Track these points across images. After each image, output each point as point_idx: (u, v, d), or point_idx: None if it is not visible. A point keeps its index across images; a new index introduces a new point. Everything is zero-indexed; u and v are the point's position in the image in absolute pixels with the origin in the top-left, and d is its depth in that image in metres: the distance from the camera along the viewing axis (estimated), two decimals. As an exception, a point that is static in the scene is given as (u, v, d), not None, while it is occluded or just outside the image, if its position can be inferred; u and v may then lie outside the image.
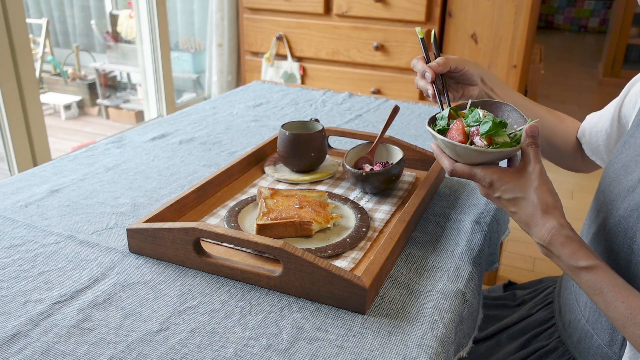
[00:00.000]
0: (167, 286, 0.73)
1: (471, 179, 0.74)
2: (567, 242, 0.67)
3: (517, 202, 0.71)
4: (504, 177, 0.71)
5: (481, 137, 0.72)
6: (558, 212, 0.69)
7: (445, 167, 0.76)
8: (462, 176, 0.75)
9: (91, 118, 3.94)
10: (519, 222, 0.72)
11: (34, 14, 4.35)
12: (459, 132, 0.74)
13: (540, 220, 0.69)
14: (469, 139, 0.73)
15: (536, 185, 0.69)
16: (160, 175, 1.07)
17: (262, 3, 2.70)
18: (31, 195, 0.96)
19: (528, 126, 0.71)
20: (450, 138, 0.74)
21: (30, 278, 0.74)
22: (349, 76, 2.67)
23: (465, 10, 2.39)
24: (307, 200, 0.88)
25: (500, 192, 0.72)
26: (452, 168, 0.75)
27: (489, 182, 0.72)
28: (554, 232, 0.68)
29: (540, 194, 0.69)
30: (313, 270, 0.69)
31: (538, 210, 0.69)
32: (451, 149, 0.74)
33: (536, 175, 0.70)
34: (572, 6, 7.17)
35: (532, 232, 0.70)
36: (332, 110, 1.51)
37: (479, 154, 0.71)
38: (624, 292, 0.64)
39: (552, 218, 0.68)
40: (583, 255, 0.66)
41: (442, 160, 0.77)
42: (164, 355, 0.61)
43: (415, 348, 0.63)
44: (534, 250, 2.27)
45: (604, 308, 0.66)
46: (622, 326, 0.64)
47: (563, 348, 0.85)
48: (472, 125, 0.74)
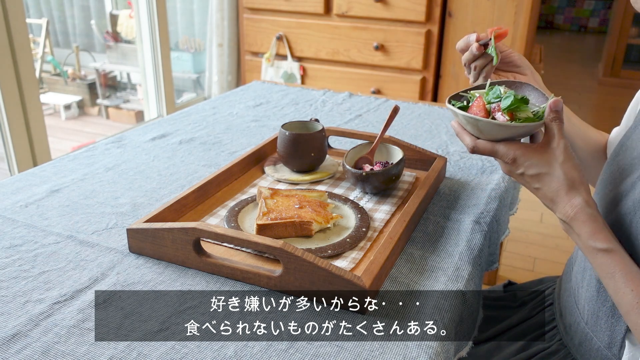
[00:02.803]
0: (167, 286, 0.73)
1: (493, 155, 0.73)
2: (589, 221, 0.66)
3: (542, 177, 0.69)
4: (528, 153, 0.70)
5: (503, 113, 0.71)
6: (584, 188, 0.68)
7: (466, 144, 0.75)
8: (484, 153, 0.73)
9: (91, 118, 3.94)
10: (543, 198, 0.71)
11: (34, 14, 4.35)
12: (480, 108, 0.73)
13: (566, 196, 0.68)
14: (490, 115, 0.72)
15: (562, 160, 0.68)
16: (160, 175, 1.07)
17: (262, 3, 2.70)
18: (31, 195, 0.96)
19: (552, 101, 0.70)
20: (472, 114, 0.72)
21: (30, 278, 0.74)
22: (349, 76, 2.67)
23: (465, 10, 2.39)
24: (307, 200, 0.88)
25: (524, 168, 0.70)
26: (474, 145, 0.73)
27: (512, 158, 0.71)
28: (578, 209, 0.67)
29: (566, 169, 0.68)
30: (313, 270, 0.69)
31: (564, 185, 0.68)
32: (473, 125, 0.72)
33: (561, 151, 0.68)
34: (572, 6, 7.17)
35: (555, 208, 0.69)
36: (332, 110, 1.51)
37: (501, 129, 0.70)
38: (636, 280, 0.64)
39: (578, 194, 0.67)
40: (603, 237, 0.66)
41: (463, 138, 0.75)
42: (164, 355, 0.61)
43: (415, 348, 0.63)
44: (534, 250, 2.27)
45: (613, 293, 0.65)
46: (627, 313, 0.64)
47: (565, 351, 0.85)
48: (493, 102, 0.73)
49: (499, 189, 1.03)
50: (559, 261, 2.19)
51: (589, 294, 0.78)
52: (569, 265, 0.92)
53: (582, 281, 0.81)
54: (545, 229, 2.43)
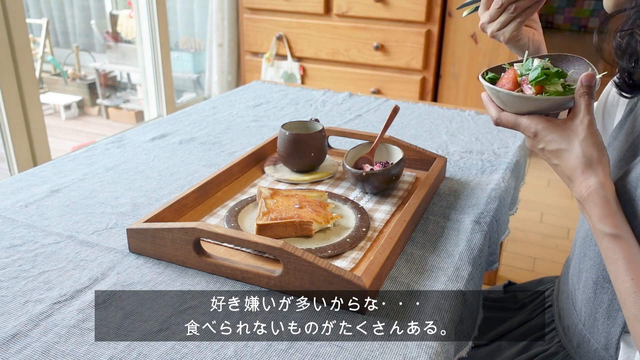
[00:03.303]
0: (167, 286, 0.73)
1: (516, 128, 0.71)
2: (600, 204, 0.65)
3: (560, 154, 0.67)
4: (549, 127, 0.68)
5: (530, 85, 0.69)
6: (602, 168, 0.66)
7: (491, 115, 0.73)
8: (507, 125, 0.71)
9: (91, 118, 3.94)
10: (561, 175, 0.69)
11: (34, 14, 4.35)
12: (509, 80, 0.71)
13: (582, 175, 0.66)
14: (519, 87, 0.70)
15: (583, 137, 0.66)
16: (160, 175, 1.07)
17: (262, 3, 2.70)
18: (31, 195, 0.96)
19: (584, 75, 0.66)
20: (500, 86, 0.71)
21: (30, 278, 0.74)
22: (349, 76, 2.67)
23: (465, 10, 2.39)
24: (307, 200, 0.88)
25: (545, 143, 0.68)
26: (498, 117, 0.72)
27: (533, 132, 0.69)
28: (592, 190, 0.65)
29: (585, 146, 0.65)
30: (313, 270, 0.69)
31: (581, 163, 0.66)
32: (496, 96, 0.71)
33: (584, 127, 0.66)
34: (572, 6, 7.17)
35: (572, 186, 0.68)
36: (332, 110, 1.51)
37: (523, 102, 0.68)
38: (637, 269, 0.63)
39: (594, 175, 0.65)
40: (611, 222, 0.64)
41: (489, 109, 0.74)
42: (164, 355, 0.61)
43: (415, 348, 0.63)
44: (534, 250, 2.27)
45: (614, 279, 0.65)
46: (623, 301, 0.64)
47: (564, 352, 0.85)
48: (524, 74, 0.71)
49: (499, 189, 1.03)
50: (559, 261, 2.19)
51: (586, 296, 0.78)
52: (566, 267, 0.92)
53: (579, 283, 0.81)
54: (545, 229, 2.43)
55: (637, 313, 0.62)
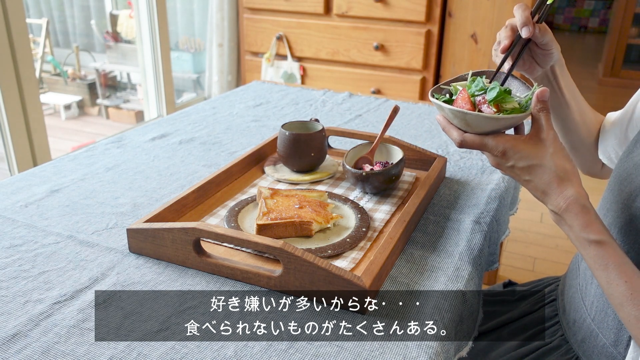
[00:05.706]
0: (167, 286, 0.73)
1: (482, 149, 0.72)
2: (582, 213, 0.66)
3: (533, 169, 0.69)
4: (517, 145, 0.69)
5: (489, 105, 0.70)
6: (576, 179, 0.68)
7: (454, 138, 0.74)
8: (472, 147, 0.72)
9: (91, 118, 3.94)
10: (534, 191, 0.71)
11: (34, 14, 4.35)
12: (466, 101, 0.72)
13: (558, 187, 0.67)
14: (476, 108, 0.71)
15: (552, 151, 0.68)
16: (160, 175, 1.07)
17: (262, 3, 2.70)
18: (31, 195, 0.96)
19: (539, 91, 0.69)
20: (458, 107, 0.72)
21: (30, 278, 0.74)
22: (349, 76, 2.67)
23: (465, 10, 2.39)
24: (307, 200, 0.88)
25: (514, 161, 0.70)
26: (462, 139, 0.73)
27: (501, 151, 0.70)
28: (571, 200, 0.66)
29: (557, 160, 0.68)
30: (313, 270, 0.69)
31: (556, 177, 0.67)
32: (461, 119, 0.71)
33: (551, 142, 0.68)
34: (572, 6, 7.17)
35: (547, 199, 0.69)
36: (332, 110, 1.51)
37: (490, 122, 0.69)
38: (628, 272, 0.63)
39: (571, 186, 0.67)
40: (595, 229, 0.66)
41: (450, 132, 0.74)
42: (164, 355, 0.61)
43: (415, 348, 0.63)
44: (534, 250, 2.27)
45: (605, 284, 0.65)
46: (620, 305, 0.64)
47: (567, 346, 0.85)
48: (478, 94, 0.72)
49: (499, 189, 1.03)
50: (559, 261, 2.19)
51: (599, 291, 0.78)
52: (574, 263, 0.92)
53: (592, 277, 0.81)
54: (545, 229, 2.43)
55: (637, 314, 0.62)
